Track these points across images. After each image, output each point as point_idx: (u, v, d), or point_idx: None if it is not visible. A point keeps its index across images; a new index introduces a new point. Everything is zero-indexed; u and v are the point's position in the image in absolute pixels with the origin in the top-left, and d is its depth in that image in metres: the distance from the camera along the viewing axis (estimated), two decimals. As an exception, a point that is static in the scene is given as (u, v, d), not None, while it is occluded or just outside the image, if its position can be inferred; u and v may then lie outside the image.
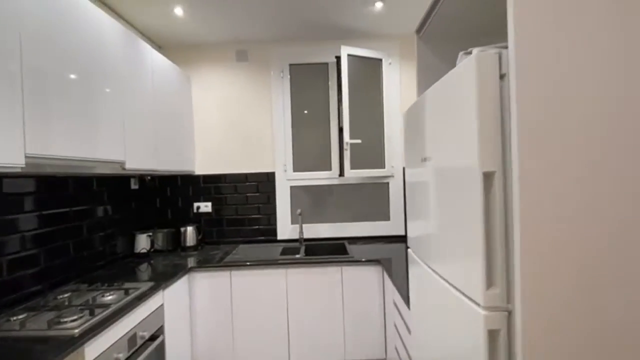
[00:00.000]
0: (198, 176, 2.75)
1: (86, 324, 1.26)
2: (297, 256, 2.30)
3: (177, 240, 2.62)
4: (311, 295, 2.19)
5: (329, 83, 2.80)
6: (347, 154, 2.50)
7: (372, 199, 2.79)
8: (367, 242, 2.65)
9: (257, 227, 2.76)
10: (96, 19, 1.60)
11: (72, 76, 1.42)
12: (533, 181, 0.65)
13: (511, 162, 0.67)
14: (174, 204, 2.75)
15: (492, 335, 0.67)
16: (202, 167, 2.76)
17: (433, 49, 1.18)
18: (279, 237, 2.77)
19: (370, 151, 2.68)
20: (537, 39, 0.65)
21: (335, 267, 2.19)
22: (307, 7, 2.23)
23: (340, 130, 2.61)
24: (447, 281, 0.90)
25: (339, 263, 2.19)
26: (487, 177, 0.68)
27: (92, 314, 1.35)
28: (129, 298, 1.55)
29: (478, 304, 0.71)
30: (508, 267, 0.68)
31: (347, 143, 2.48)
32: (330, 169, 2.80)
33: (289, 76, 2.79)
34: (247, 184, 2.77)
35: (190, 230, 2.59)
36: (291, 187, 2.79)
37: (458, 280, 0.82)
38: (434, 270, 0.99)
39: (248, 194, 2.76)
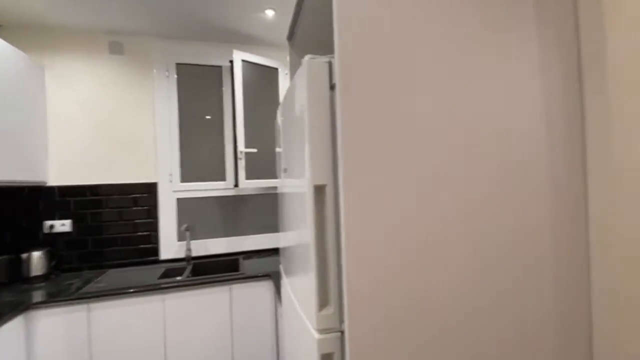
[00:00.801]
0: (52, 187, 2.23)
1: None
2: (178, 278, 2.03)
3: (17, 269, 2.05)
4: (195, 322, 1.93)
5: (223, 88, 2.63)
6: (241, 164, 2.35)
7: (269, 210, 2.68)
8: (264, 256, 2.52)
9: (133, 247, 2.37)
10: None
11: None
12: (359, 196, 0.62)
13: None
14: (16, 224, 2.16)
15: (326, 359, 0.61)
16: (59, 177, 2.25)
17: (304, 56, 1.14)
18: (162, 257, 2.42)
19: (268, 161, 2.58)
20: (362, 48, 0.63)
21: (223, 286, 1.99)
22: (193, 3, 2.04)
23: (236, 138, 2.45)
24: (295, 299, 0.83)
25: (227, 282, 2.00)
26: (318, 190, 0.63)
27: None
28: None
29: (312, 326, 0.65)
30: (341, 285, 0.63)
31: (241, 152, 2.34)
32: (224, 179, 2.60)
33: (175, 76, 2.51)
34: (121, 196, 2.36)
35: (37, 256, 2.06)
36: (178, 200, 2.49)
37: (300, 299, 0.75)
38: (290, 286, 0.92)
39: (122, 209, 2.36)
